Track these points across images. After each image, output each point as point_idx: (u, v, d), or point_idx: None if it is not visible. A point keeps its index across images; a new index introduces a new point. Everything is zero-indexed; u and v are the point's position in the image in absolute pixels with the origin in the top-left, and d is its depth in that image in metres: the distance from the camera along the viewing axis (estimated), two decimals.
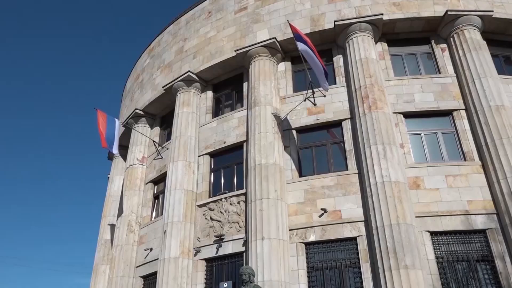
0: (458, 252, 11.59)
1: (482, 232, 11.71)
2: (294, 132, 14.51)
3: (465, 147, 13.00)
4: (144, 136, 19.05)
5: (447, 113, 13.69)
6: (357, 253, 11.98)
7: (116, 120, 16.75)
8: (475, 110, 13.03)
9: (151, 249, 15.85)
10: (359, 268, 11.77)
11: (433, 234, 11.78)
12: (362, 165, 12.60)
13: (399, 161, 12.30)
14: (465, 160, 12.80)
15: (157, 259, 14.68)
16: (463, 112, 13.53)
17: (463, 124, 13.32)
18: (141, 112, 19.23)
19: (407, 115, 13.72)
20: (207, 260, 14.13)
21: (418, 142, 13.39)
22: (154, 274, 14.85)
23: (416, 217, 11.70)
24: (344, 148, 13.66)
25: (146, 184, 18.21)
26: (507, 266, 11.08)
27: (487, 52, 14.09)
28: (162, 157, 17.76)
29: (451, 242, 11.72)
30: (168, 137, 18.25)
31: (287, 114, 14.46)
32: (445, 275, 11.33)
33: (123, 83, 26.19)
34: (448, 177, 12.38)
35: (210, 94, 17.47)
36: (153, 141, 18.53)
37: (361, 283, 11.56)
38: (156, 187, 18.10)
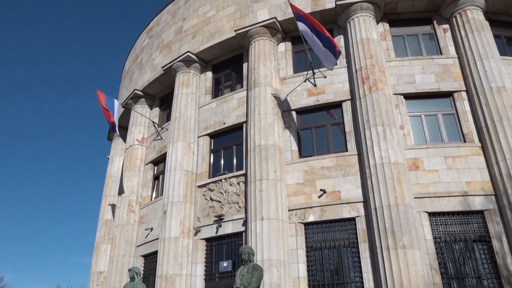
0: (456, 232, 11.72)
1: (480, 213, 11.81)
2: (294, 113, 14.47)
3: (465, 128, 12.99)
4: (143, 117, 19.01)
5: (448, 94, 13.63)
6: (356, 233, 12.10)
7: (115, 100, 16.69)
8: (476, 92, 12.98)
9: (151, 229, 15.99)
10: (358, 248, 11.91)
11: (431, 214, 11.89)
12: (362, 146, 12.62)
13: (399, 142, 12.31)
14: (464, 142, 12.82)
15: (158, 238, 14.83)
16: (463, 94, 13.47)
17: (463, 105, 13.29)
18: (140, 93, 19.13)
19: (408, 96, 13.67)
20: (207, 239, 14.28)
21: (418, 123, 13.37)
22: (155, 253, 15.03)
23: (414, 198, 11.78)
24: (344, 129, 13.65)
25: (146, 164, 18.26)
26: (503, 246, 11.22)
27: (490, 33, 13.95)
28: (161, 138, 17.76)
29: (449, 223, 11.84)
30: (168, 118, 18.22)
31: (287, 95, 14.41)
32: (442, 255, 11.48)
33: (122, 63, 26.00)
34: (448, 159, 12.42)
35: (209, 74, 17.35)
36: (153, 122, 18.49)
37: (359, 262, 11.72)
38: (156, 167, 18.16)
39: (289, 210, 12.87)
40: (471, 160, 12.38)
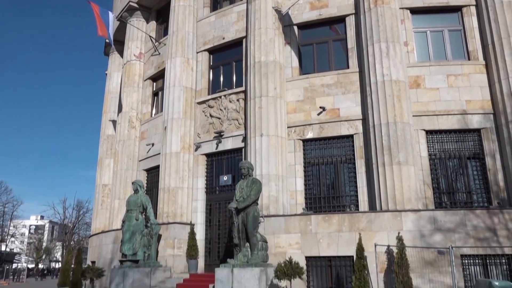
0: (451, 150, 11.97)
1: (477, 131, 11.96)
2: (295, 28, 13.99)
3: (470, 45, 12.66)
4: (140, 31, 18.38)
5: (456, 9, 13.06)
6: (353, 150, 12.37)
7: (110, 13, 16.01)
8: (485, 6, 12.41)
9: (152, 144, 16.27)
10: (354, 164, 12.24)
11: (429, 132, 12.05)
12: (364, 63, 12.39)
13: (402, 59, 12.07)
14: (469, 59, 12.57)
15: (159, 153, 15.16)
16: (473, 8, 12.90)
17: (471, 21, 12.79)
18: (135, 5, 18.28)
19: (414, 11, 13.11)
20: (207, 155, 14.62)
21: (423, 40, 12.99)
22: (157, 167, 15.44)
23: (413, 116, 11.85)
24: (346, 46, 13.30)
25: (144, 80, 18.06)
26: (496, 163, 11.53)
27: None
28: (159, 53, 17.35)
29: (445, 141, 12.04)
30: (165, 32, 17.61)
31: (289, 8, 13.79)
32: (435, 171, 11.84)
33: None
34: (450, 77, 12.27)
35: None
36: (150, 36, 17.93)
37: (355, 177, 12.12)
38: (154, 84, 17.99)
39: (288, 127, 13.01)
40: (473, 78, 12.24)
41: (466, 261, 10.14)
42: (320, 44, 13.78)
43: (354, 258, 9.71)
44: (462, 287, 9.66)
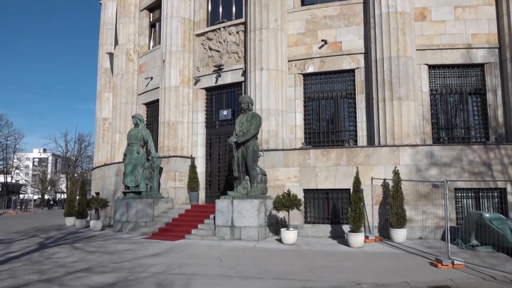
0: (453, 85, 11.85)
1: (480, 66, 11.77)
2: None
3: None
4: None
5: None
6: (354, 85, 12.24)
7: None
8: None
9: (151, 78, 16.06)
10: (354, 98, 12.19)
11: (431, 67, 11.86)
12: None
13: None
14: None
15: (158, 87, 15.01)
16: None
17: None
18: None
19: None
20: (207, 89, 14.49)
21: None
22: (156, 101, 15.38)
23: (417, 50, 11.57)
24: None
25: (141, 11, 17.41)
26: (497, 99, 11.47)
27: None
28: None
29: (447, 76, 11.88)
30: None
31: None
32: (436, 107, 11.81)
33: None
34: (457, 8, 11.83)
35: None
36: None
37: (355, 112, 12.12)
38: (151, 14, 17.38)
39: (288, 61, 12.76)
40: (481, 10, 11.80)
41: (459, 194, 10.45)
42: None
43: (351, 191, 9.98)
44: (453, 219, 10.04)
